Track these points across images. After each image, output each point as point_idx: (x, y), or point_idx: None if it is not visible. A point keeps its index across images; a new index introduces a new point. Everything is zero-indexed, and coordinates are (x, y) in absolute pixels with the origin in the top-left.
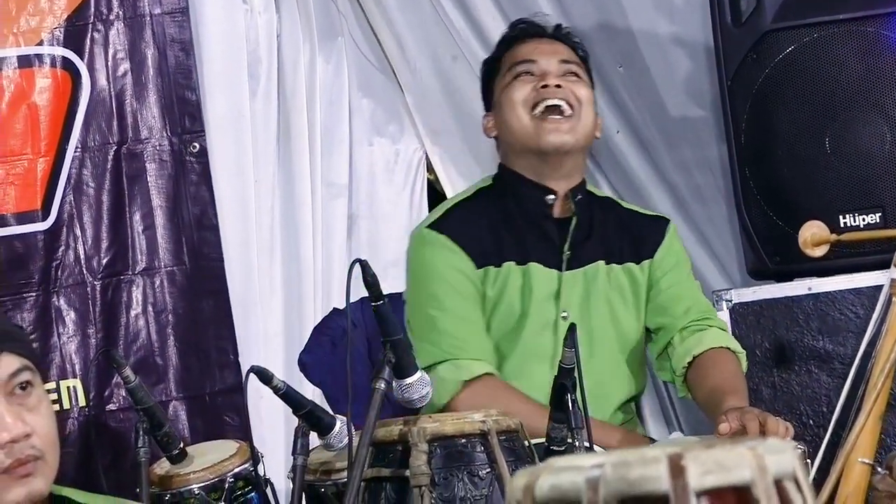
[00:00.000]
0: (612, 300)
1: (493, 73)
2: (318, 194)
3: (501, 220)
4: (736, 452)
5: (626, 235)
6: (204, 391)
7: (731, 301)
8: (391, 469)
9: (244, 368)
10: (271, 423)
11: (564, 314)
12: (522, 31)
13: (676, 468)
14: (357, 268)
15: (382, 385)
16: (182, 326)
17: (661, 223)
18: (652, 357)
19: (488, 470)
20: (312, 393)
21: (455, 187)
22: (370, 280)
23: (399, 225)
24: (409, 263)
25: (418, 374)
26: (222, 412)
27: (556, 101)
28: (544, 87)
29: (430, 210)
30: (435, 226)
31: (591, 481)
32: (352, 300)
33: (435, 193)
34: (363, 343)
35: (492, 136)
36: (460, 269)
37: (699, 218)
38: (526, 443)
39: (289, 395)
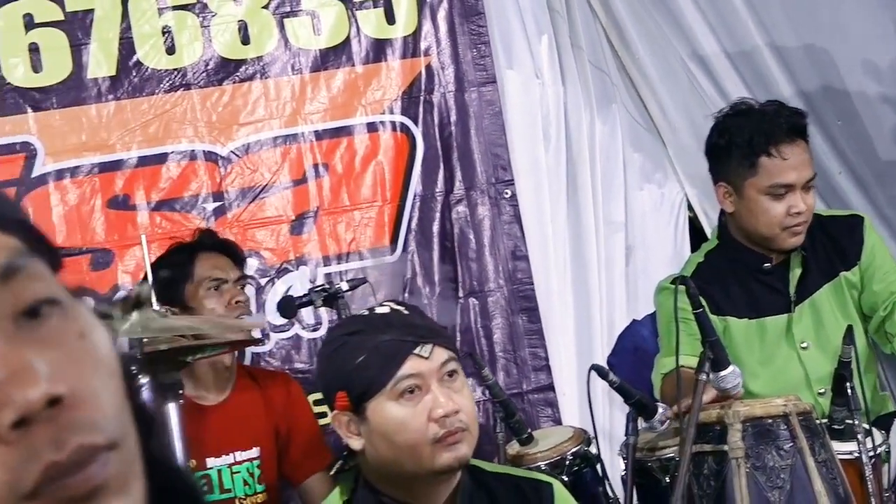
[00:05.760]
0: (838, 315)
1: (742, 164)
2: (600, 231)
3: (732, 280)
4: None
5: (834, 247)
6: (522, 390)
7: None
8: (711, 445)
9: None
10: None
11: (804, 345)
12: (769, 135)
13: None
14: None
15: (704, 377)
16: (503, 338)
17: (857, 224)
18: (871, 333)
19: (791, 444)
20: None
21: (711, 223)
22: (692, 292)
23: (666, 254)
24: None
25: (731, 368)
26: (536, 406)
27: (801, 229)
28: (797, 213)
29: (690, 241)
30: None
31: None
32: (637, 318)
33: (694, 228)
34: (655, 345)
35: (727, 210)
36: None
37: None
38: (817, 422)
39: (622, 388)
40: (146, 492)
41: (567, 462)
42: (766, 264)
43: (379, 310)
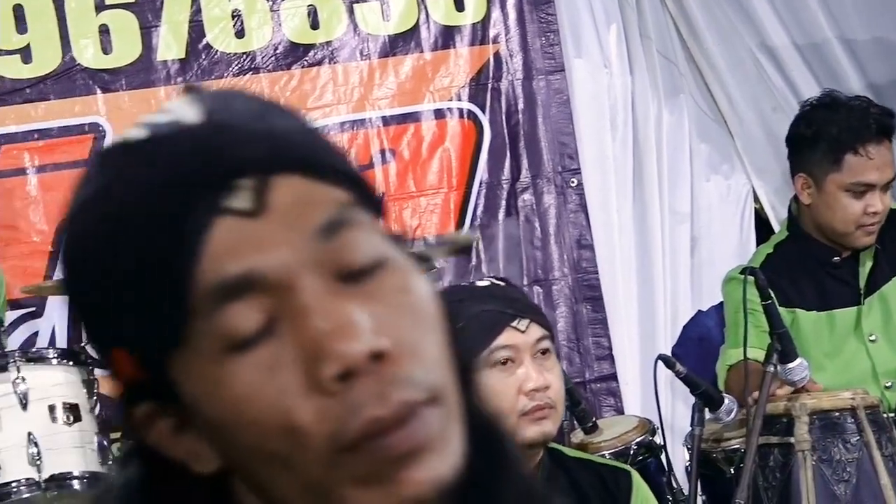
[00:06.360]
0: None
1: (826, 158)
2: (666, 221)
3: (802, 272)
4: None
5: None
6: (584, 379)
7: None
8: (778, 437)
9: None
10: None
11: (872, 337)
12: (858, 132)
13: None
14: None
15: (772, 368)
16: (567, 326)
17: None
18: None
19: (858, 438)
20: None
21: (778, 216)
22: (761, 283)
23: (732, 246)
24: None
25: (799, 360)
26: (599, 396)
27: (874, 229)
28: (874, 213)
29: (756, 234)
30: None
31: None
32: (702, 309)
33: (760, 220)
34: (720, 336)
35: (804, 202)
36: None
37: None
38: (885, 415)
39: (688, 378)
40: (465, 442)
41: (631, 452)
42: (835, 257)
43: (479, 283)
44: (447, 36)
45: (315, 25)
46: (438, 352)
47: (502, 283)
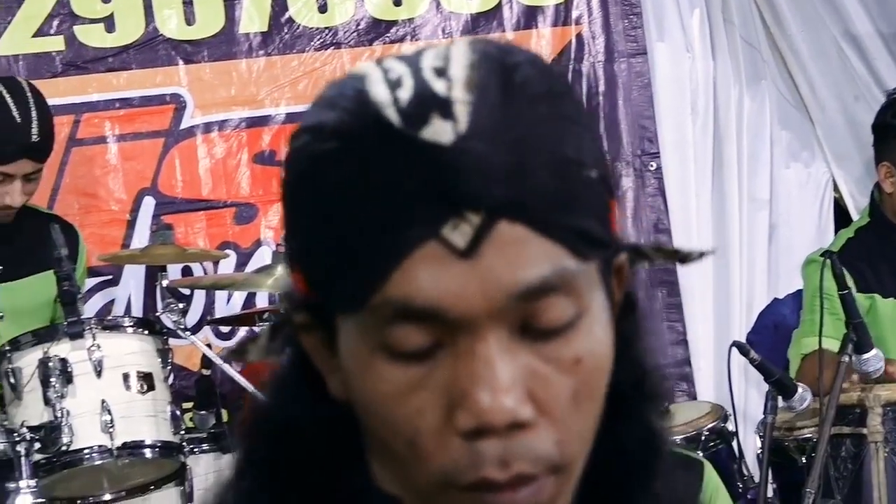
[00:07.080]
0: None
1: None
2: (744, 208)
3: (881, 258)
4: None
5: None
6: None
7: None
8: (850, 427)
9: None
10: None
11: None
12: None
13: None
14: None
15: (847, 359)
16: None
17: None
18: None
19: None
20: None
21: (857, 205)
22: (837, 272)
23: (810, 234)
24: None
25: (874, 351)
26: (672, 381)
27: None
28: None
29: (835, 223)
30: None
31: None
32: (778, 296)
33: (839, 210)
34: (796, 324)
35: (886, 191)
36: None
37: None
38: None
39: (762, 366)
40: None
41: (703, 438)
42: None
43: None
44: (530, 16)
45: (398, 2)
46: (586, 423)
47: None
